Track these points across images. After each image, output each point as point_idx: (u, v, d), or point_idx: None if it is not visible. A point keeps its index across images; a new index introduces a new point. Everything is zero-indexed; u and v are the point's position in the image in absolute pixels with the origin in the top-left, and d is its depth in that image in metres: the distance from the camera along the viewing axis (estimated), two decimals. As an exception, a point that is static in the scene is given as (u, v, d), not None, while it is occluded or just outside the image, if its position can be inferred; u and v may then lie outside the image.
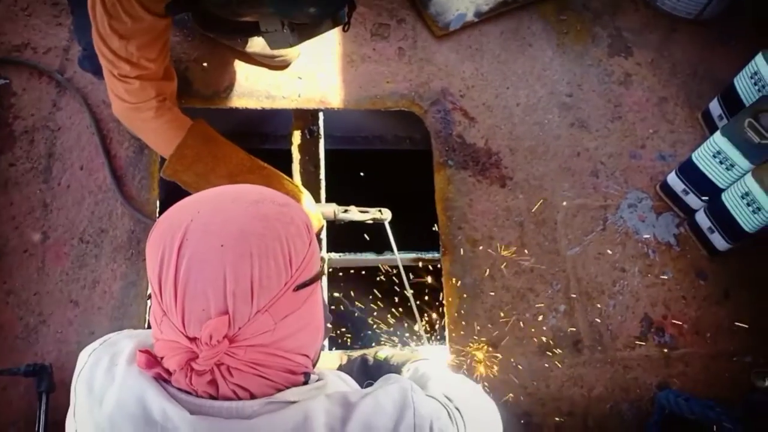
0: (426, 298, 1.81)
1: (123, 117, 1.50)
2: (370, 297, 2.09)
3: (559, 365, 1.66)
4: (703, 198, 1.75)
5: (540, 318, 1.70)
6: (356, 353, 1.56)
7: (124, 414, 0.75)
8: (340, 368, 1.55)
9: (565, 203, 1.84)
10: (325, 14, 1.30)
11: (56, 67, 1.82)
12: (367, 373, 1.47)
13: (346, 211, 1.69)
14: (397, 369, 1.31)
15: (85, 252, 1.63)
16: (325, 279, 1.74)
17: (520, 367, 1.65)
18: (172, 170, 1.51)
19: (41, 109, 1.78)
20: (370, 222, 1.71)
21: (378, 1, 2.06)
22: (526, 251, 1.77)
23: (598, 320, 1.71)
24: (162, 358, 0.75)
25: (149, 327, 0.79)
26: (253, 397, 0.75)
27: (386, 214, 1.71)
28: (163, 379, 0.76)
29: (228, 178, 1.53)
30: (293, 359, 0.78)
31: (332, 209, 1.66)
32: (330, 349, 1.68)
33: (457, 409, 0.91)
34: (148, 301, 1.59)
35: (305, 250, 0.76)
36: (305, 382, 0.81)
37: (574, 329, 1.69)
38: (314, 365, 0.86)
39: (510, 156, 1.89)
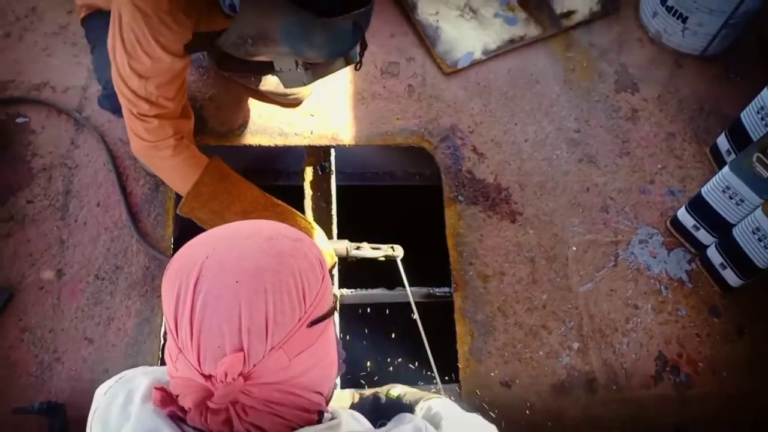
0: (438, 334, 1.81)
1: (141, 155, 1.53)
2: (383, 333, 2.09)
3: (574, 405, 1.64)
4: (714, 234, 1.75)
5: (553, 356, 1.69)
6: (368, 391, 1.55)
7: None
8: (352, 407, 1.54)
9: (575, 239, 1.85)
10: (338, 54, 1.34)
11: (75, 106, 1.87)
12: (380, 412, 1.46)
13: (358, 248, 1.69)
14: (410, 407, 1.30)
15: (100, 289, 1.65)
16: (337, 315, 1.74)
17: (534, 406, 1.63)
18: (188, 208, 1.53)
19: (59, 146, 1.81)
20: (383, 259, 1.71)
21: (388, 40, 2.11)
22: (538, 287, 1.77)
23: (612, 358, 1.70)
24: (177, 396, 0.75)
25: (164, 363, 0.80)
26: None
27: (398, 251, 1.72)
28: (178, 417, 0.77)
29: (242, 215, 1.55)
30: (307, 397, 0.78)
31: (345, 246, 1.67)
32: (342, 387, 1.67)
33: None
34: (163, 339, 1.59)
35: (318, 285, 0.77)
36: (319, 421, 0.81)
37: (588, 368, 1.68)
38: (327, 403, 0.86)
39: (519, 191, 1.91)
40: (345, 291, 1.79)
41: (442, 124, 1.99)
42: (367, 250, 1.70)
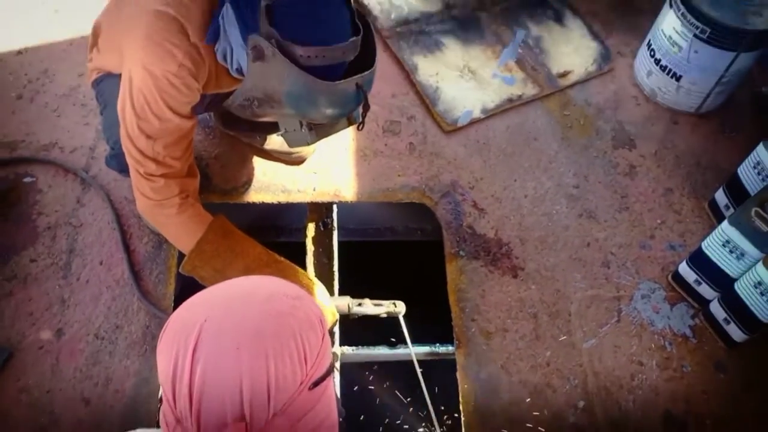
0: (442, 391, 1.78)
1: (146, 213, 1.55)
2: (386, 390, 2.05)
3: (581, 465, 1.60)
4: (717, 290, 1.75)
5: (559, 416, 1.66)
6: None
7: None
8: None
9: (578, 294, 1.84)
10: (342, 115, 1.37)
11: (82, 166, 1.91)
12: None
13: (360, 304, 1.69)
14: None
15: (99, 348, 1.64)
16: (337, 375, 1.72)
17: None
18: (191, 266, 1.54)
19: (65, 205, 1.84)
20: (385, 315, 1.71)
21: (390, 99, 2.17)
22: (541, 344, 1.75)
23: (619, 417, 1.66)
24: None
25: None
26: None
27: (400, 307, 1.71)
28: None
29: (245, 272, 1.55)
30: None
31: (346, 302, 1.67)
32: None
33: None
34: (159, 403, 1.57)
35: (319, 344, 0.76)
36: None
37: (594, 429, 1.64)
38: None
39: (520, 246, 1.91)
40: (346, 349, 1.78)
41: (443, 180, 2.02)
42: (369, 307, 1.69)
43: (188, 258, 1.54)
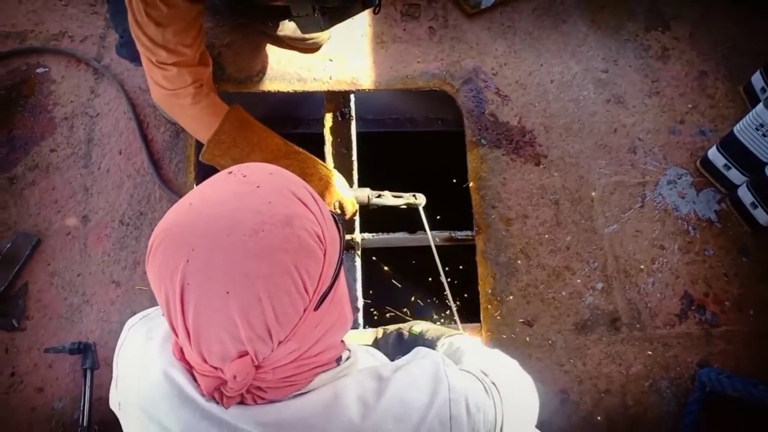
0: (461, 277, 1.81)
1: (162, 103, 1.52)
2: (405, 276, 2.09)
3: (597, 343, 1.64)
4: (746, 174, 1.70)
5: (576, 296, 1.68)
6: (391, 328, 1.57)
7: (160, 392, 0.75)
8: (376, 342, 1.56)
9: (601, 180, 1.81)
10: None
11: (93, 55, 1.86)
12: (402, 348, 1.48)
13: (379, 195, 1.67)
14: (431, 343, 1.31)
15: (125, 234, 1.67)
16: (358, 261, 1.74)
17: (556, 344, 1.63)
18: (210, 155, 1.53)
19: (80, 96, 1.82)
20: (404, 207, 1.70)
21: (408, -20, 2.05)
22: (561, 230, 1.74)
23: (637, 298, 1.68)
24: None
25: None
26: None
27: (420, 199, 1.69)
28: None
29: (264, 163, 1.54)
30: (322, 358, 0.77)
31: (366, 194, 1.65)
32: (364, 326, 1.68)
33: (494, 383, 0.90)
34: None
35: (319, 266, 0.70)
36: (337, 364, 0.81)
37: (611, 307, 1.67)
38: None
39: (544, 134, 1.86)
40: (366, 235, 1.79)
41: (465, 66, 1.94)
42: (388, 198, 1.68)
43: (206, 148, 1.53)
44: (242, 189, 0.69)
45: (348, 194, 1.62)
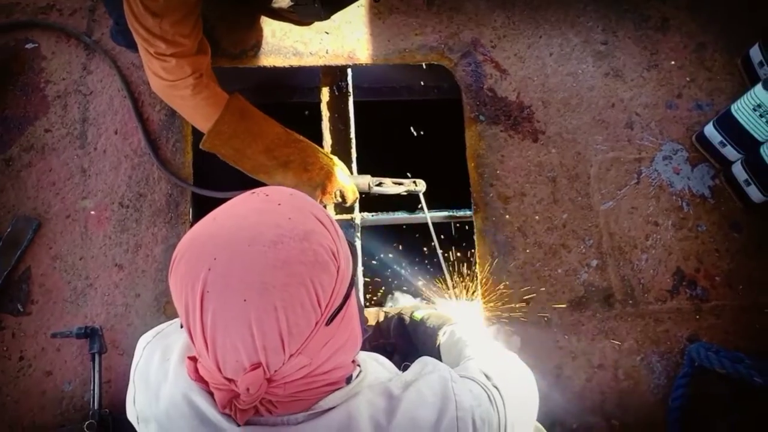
0: (458, 255, 1.84)
1: (161, 94, 1.50)
2: (405, 255, 2.12)
3: (590, 319, 1.69)
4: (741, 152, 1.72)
5: (572, 273, 1.72)
6: (393, 311, 1.61)
7: (179, 412, 0.78)
8: (378, 325, 1.61)
9: (598, 156, 1.82)
10: None
11: (83, 29, 1.81)
12: (403, 333, 1.52)
13: (380, 183, 1.67)
14: (433, 332, 1.35)
15: (125, 216, 1.67)
16: (358, 242, 1.76)
17: (551, 321, 1.68)
18: (210, 145, 1.53)
19: (72, 72, 1.78)
20: (405, 194, 1.70)
21: (405, -51, 1.98)
22: (558, 207, 1.77)
23: (630, 274, 1.72)
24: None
25: None
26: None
27: (421, 186, 1.69)
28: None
29: (265, 152, 1.54)
30: (332, 377, 0.79)
31: (367, 181, 1.65)
32: (366, 305, 1.72)
33: (496, 387, 0.93)
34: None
35: (333, 281, 0.73)
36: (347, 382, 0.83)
37: (605, 284, 1.71)
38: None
39: (543, 109, 1.86)
40: (366, 215, 1.80)
41: (463, 38, 1.91)
42: (389, 186, 1.68)
43: (206, 138, 1.52)
44: (264, 206, 0.74)
45: (349, 183, 1.62)
